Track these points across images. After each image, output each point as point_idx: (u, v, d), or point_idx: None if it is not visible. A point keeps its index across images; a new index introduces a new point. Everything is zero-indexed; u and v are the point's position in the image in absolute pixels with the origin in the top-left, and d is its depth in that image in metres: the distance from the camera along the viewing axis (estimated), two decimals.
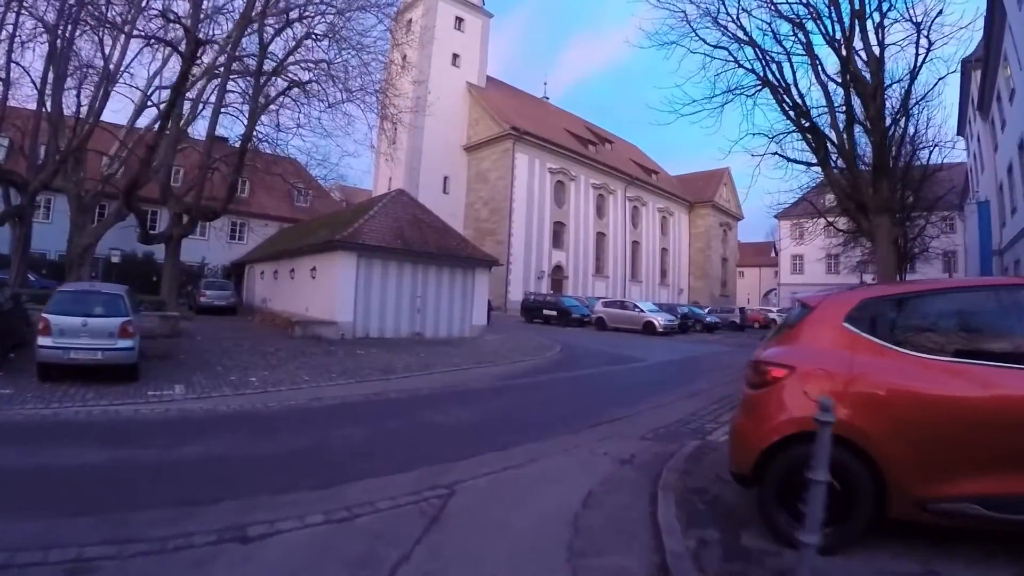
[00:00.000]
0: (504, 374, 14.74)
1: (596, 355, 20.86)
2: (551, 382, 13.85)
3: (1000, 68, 24.18)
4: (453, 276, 24.18)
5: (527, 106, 62.77)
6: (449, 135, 55.69)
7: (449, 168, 56.10)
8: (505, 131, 52.89)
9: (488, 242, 49.70)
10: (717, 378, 15.21)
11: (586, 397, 12.13)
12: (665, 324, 33.44)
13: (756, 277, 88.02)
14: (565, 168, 57.91)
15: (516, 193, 52.75)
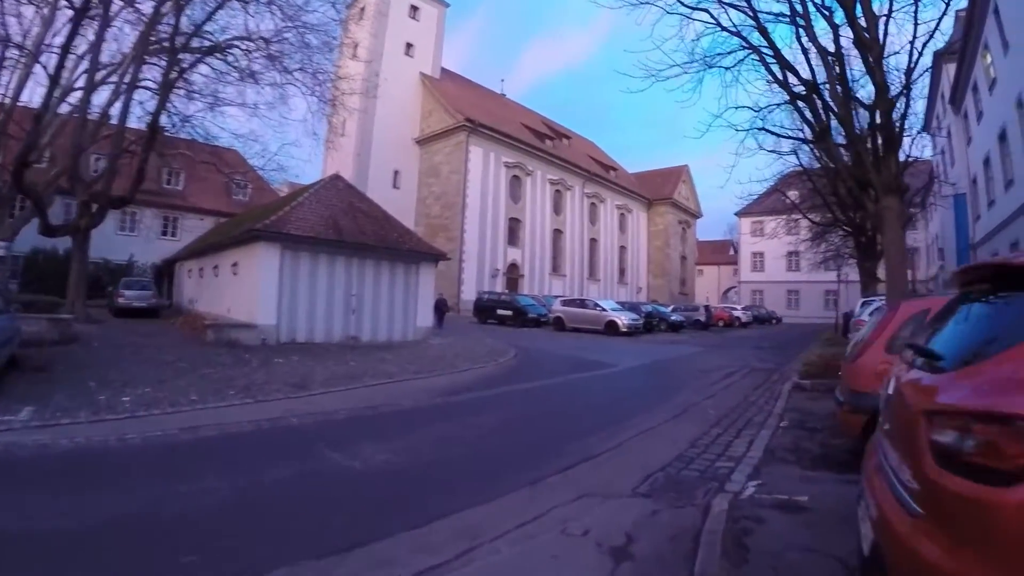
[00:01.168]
0: (446, 387, 12.06)
1: (557, 360, 18.40)
2: (504, 398, 11.23)
3: (979, 58, 24.16)
4: (394, 272, 21.44)
5: (483, 99, 60.47)
6: (401, 127, 53.24)
7: (400, 162, 53.55)
8: (459, 123, 50.51)
9: (440, 239, 47.43)
10: (702, 388, 12.90)
11: (548, 419, 9.52)
12: (629, 324, 31.13)
13: (715, 275, 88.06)
14: (521, 162, 55.67)
15: (470, 188, 50.40)
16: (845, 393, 6.45)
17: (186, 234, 37.59)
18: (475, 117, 51.36)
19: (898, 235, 13.03)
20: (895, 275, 13.01)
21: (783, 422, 8.89)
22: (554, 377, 14.36)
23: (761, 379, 14.65)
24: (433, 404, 10.29)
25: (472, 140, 51.09)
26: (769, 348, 26.10)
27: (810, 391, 11.90)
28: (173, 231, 39.72)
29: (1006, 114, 21.03)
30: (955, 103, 30.26)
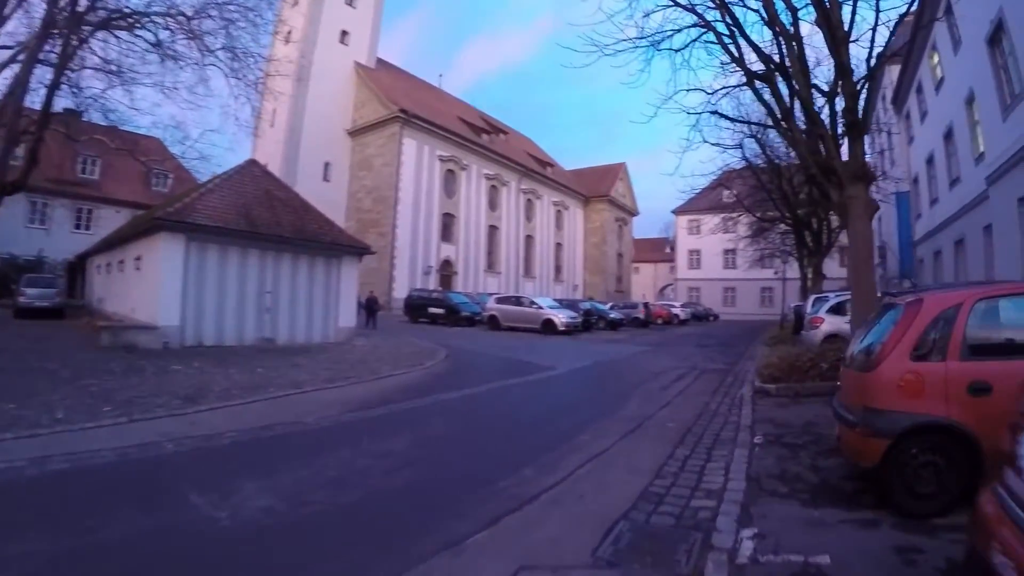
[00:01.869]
0: (362, 399, 10.28)
1: (490, 363, 16.97)
2: (425, 412, 9.53)
3: (926, 58, 24.53)
4: (313, 267, 19.57)
5: (418, 91, 58.69)
6: (333, 118, 51.02)
7: (331, 154, 51.26)
8: (393, 113, 48.68)
9: (371, 234, 45.82)
10: (653, 395, 11.50)
11: (476, 441, 7.81)
12: (567, 322, 29.74)
13: (652, 273, 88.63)
14: (456, 156, 54.16)
15: (403, 181, 48.68)
16: (857, 411, 5.08)
17: (101, 227, 34.80)
18: (410, 108, 49.57)
19: (865, 226, 11.91)
20: (862, 269, 11.89)
21: (757, 437, 7.50)
22: (486, 383, 12.73)
23: (715, 382, 13.42)
24: (341, 422, 8.56)
25: (406, 132, 49.30)
26: (714, 347, 25.08)
27: (776, 396, 10.60)
28: (87, 224, 37.06)
29: (953, 113, 21.37)
30: (897, 104, 30.66)
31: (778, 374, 11.09)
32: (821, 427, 7.92)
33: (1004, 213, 16.16)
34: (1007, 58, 15.49)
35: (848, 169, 11.97)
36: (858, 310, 11.82)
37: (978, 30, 16.92)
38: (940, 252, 24.90)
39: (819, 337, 15.70)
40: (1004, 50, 15.63)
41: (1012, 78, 15.30)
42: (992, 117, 17.03)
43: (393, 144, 48.95)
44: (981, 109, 18.49)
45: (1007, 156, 15.22)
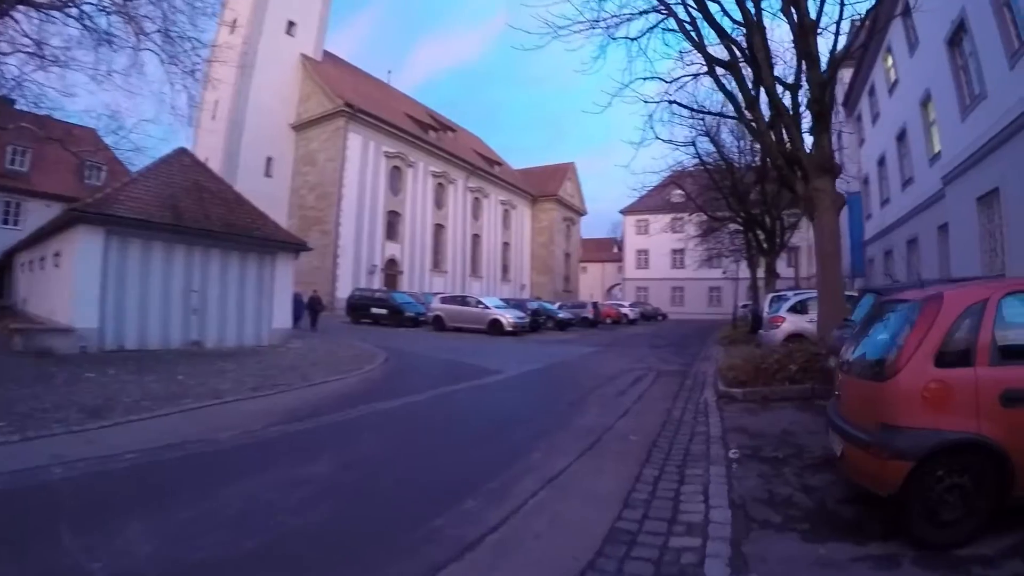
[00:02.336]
0: (288, 410, 9.14)
1: (433, 366, 15.89)
2: (356, 426, 8.40)
3: (880, 61, 25.07)
4: (245, 264, 18.19)
5: (366, 85, 57.06)
6: (277, 111, 48.94)
7: (274, 148, 49.20)
8: (338, 107, 47.10)
9: (314, 232, 44.63)
10: (610, 402, 10.58)
11: (411, 463, 6.57)
12: (514, 322, 28.79)
13: (599, 272, 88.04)
14: (403, 153, 52.82)
15: (347, 177, 47.22)
16: (870, 428, 4.24)
17: (31, 222, 31.89)
18: (356, 103, 48.12)
19: (832, 220, 11.29)
20: (829, 265, 11.29)
21: (732, 451, 6.61)
22: (427, 390, 11.57)
23: (674, 385, 12.59)
24: (261, 438, 7.43)
25: (351, 127, 47.82)
26: (667, 347, 24.39)
27: (743, 401, 9.78)
28: (16, 219, 34.82)
29: (907, 114, 21.79)
30: (848, 106, 31.08)
31: (744, 377, 10.30)
32: (800, 437, 7.17)
33: (961, 212, 16.26)
34: (967, 59, 15.50)
35: (814, 161, 11.41)
36: (826, 308, 11.22)
37: (937, 31, 16.88)
38: (891, 251, 25.08)
39: (780, 337, 15.01)
40: (964, 51, 15.66)
41: (972, 79, 15.31)
42: (950, 118, 17.04)
43: (338, 139, 47.42)
44: (938, 110, 18.59)
45: (965, 156, 15.25)
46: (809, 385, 9.65)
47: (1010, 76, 12.87)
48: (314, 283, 37.65)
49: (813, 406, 9.00)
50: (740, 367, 10.77)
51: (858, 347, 5.19)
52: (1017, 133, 12.69)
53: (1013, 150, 13.04)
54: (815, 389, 9.50)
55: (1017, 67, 12.58)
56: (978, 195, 15.09)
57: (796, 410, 8.84)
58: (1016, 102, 12.34)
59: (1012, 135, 12.92)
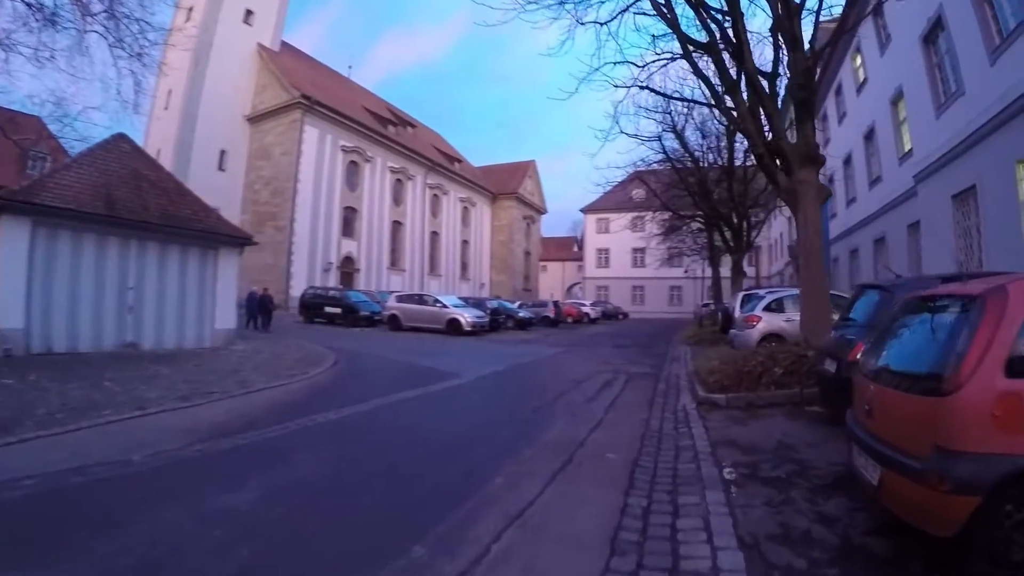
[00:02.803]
0: (219, 423, 8.02)
1: (386, 369, 14.78)
2: (293, 443, 7.19)
3: (848, 60, 25.15)
4: (185, 259, 16.88)
5: (324, 78, 55.55)
6: (231, 102, 47.23)
7: (228, 141, 47.37)
8: (294, 99, 45.64)
9: (268, 228, 43.67)
10: (580, 410, 9.53)
11: (350, 493, 5.32)
12: (473, 321, 27.79)
13: (559, 271, 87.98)
14: (360, 147, 51.55)
15: (302, 172, 45.73)
16: (922, 453, 3.36)
17: None
18: (313, 95, 46.65)
19: (816, 212, 10.58)
20: (812, 260, 10.56)
21: (727, 471, 5.73)
22: (378, 397, 10.40)
23: (647, 390, 11.68)
24: (181, 459, 6.31)
25: (308, 119, 46.40)
26: (632, 347, 23.59)
27: (727, 408, 8.91)
28: None
29: (876, 113, 21.95)
30: None
31: (726, 382, 9.41)
32: (799, 450, 6.35)
33: (935, 210, 16.21)
34: (943, 56, 15.42)
35: (798, 150, 10.71)
36: (810, 306, 10.49)
37: (911, 28, 16.82)
38: (857, 250, 25.43)
39: (756, 337, 14.31)
40: (940, 48, 15.59)
41: (948, 76, 15.22)
42: (923, 115, 16.95)
43: (294, 132, 45.94)
44: (909, 108, 18.61)
45: (940, 154, 15.17)
46: (798, 389, 8.85)
47: (990, 72, 12.63)
48: (267, 281, 36.26)
49: (804, 413, 8.27)
50: (721, 371, 9.88)
51: (892, 353, 4.35)
52: (997, 130, 12.45)
53: (992, 147, 12.81)
54: (804, 394, 8.72)
55: (998, 64, 12.36)
56: (953, 192, 14.94)
57: (787, 418, 8.02)
58: (996, 99, 12.12)
59: (991, 132, 12.68)
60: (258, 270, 42.33)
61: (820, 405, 8.31)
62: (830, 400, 7.67)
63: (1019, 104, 11.43)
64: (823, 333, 10.05)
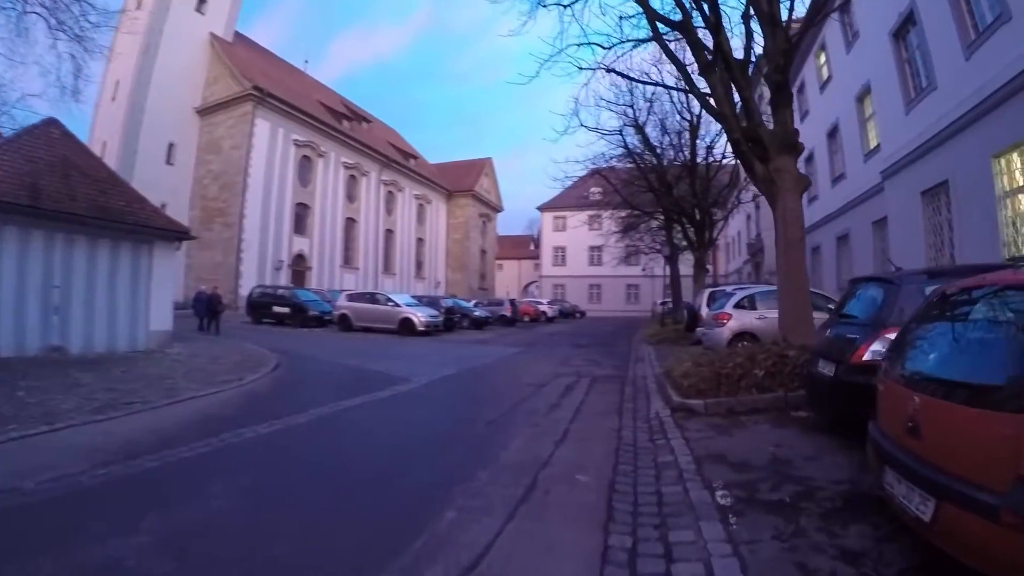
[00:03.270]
0: (130, 441, 6.83)
1: (331, 374, 13.80)
2: (208, 466, 6.07)
3: (812, 58, 25.37)
4: (117, 254, 15.57)
5: (277, 71, 53.80)
6: (181, 93, 45.00)
7: (177, 134, 45.07)
8: (246, 90, 43.91)
9: (217, 224, 42.35)
10: (541, 420, 8.55)
11: (263, 540, 4.16)
12: (427, 321, 26.73)
13: (515, 269, 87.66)
14: (313, 142, 50.05)
15: (253, 166, 44.10)
16: (999, 485, 2.52)
17: None
18: (266, 86, 45.03)
19: (796, 203, 9.89)
20: (793, 254, 9.87)
21: (720, 494, 4.86)
22: (316, 407, 9.20)
23: (614, 394, 10.87)
24: (76, 488, 5.18)
25: (259, 112, 44.73)
26: (593, 346, 22.81)
27: (706, 416, 8.06)
28: None
29: (840, 110, 22.21)
30: None
31: (703, 386, 8.57)
32: (797, 465, 5.56)
33: (904, 206, 16.17)
34: (914, 51, 15.33)
35: (776, 138, 10.02)
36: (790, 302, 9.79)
37: (881, 24, 16.76)
38: (819, 247, 25.51)
39: (726, 336, 13.68)
40: (911, 43, 15.49)
41: (919, 71, 15.11)
42: (892, 111, 16.85)
43: (244, 125, 44.20)
44: (877, 104, 18.65)
45: (910, 149, 15.16)
46: (782, 393, 8.09)
47: (965, 67, 12.41)
48: (216, 280, 34.89)
49: (792, 419, 7.49)
50: (696, 373, 9.05)
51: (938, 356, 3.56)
52: (972, 124, 12.29)
53: (965, 142, 12.67)
54: (789, 398, 7.99)
55: (973, 58, 12.20)
56: (924, 188, 14.87)
57: (774, 425, 7.23)
58: (971, 93, 11.92)
59: (966, 127, 12.54)
60: (207, 268, 41.02)
61: (808, 410, 7.59)
62: (823, 405, 6.96)
63: (996, 98, 11.20)
64: (805, 331, 9.39)
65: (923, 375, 3.55)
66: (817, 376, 6.74)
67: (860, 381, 5.55)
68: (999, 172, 11.71)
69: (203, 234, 42.88)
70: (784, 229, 9.87)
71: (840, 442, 6.22)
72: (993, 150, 11.69)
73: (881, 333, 5.69)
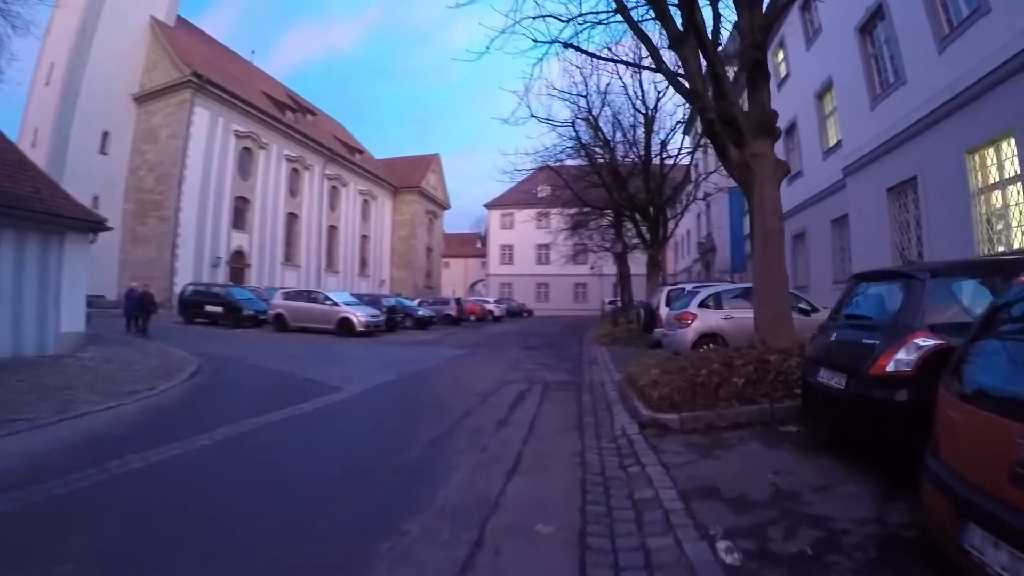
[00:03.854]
0: None
1: (255, 382, 12.35)
2: (75, 511, 4.67)
3: (770, 56, 23.95)
4: (22, 246, 13.81)
5: (221, 59, 51.54)
6: (118, 79, 42.32)
7: (112, 121, 42.21)
8: (185, 77, 41.71)
9: (152, 219, 40.50)
10: (490, 442, 7.16)
11: None
12: (367, 321, 25.31)
13: (462, 268, 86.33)
14: (255, 133, 48.17)
15: (191, 157, 42.03)
16: None
17: None
18: (206, 73, 42.97)
19: (774, 191, 8.96)
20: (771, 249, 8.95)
21: (724, 547, 3.77)
22: (228, 424, 7.80)
23: (571, 404, 9.66)
24: None
25: (198, 100, 42.64)
26: (542, 348, 21.70)
27: (682, 432, 6.94)
28: None
29: (798, 107, 21.96)
30: None
31: (676, 397, 7.46)
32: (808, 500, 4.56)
33: (868, 203, 16.11)
34: (881, 46, 15.24)
35: (752, 120, 9.11)
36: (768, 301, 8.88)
37: (846, 19, 16.56)
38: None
39: (690, 337, 12.74)
40: (878, 37, 15.40)
41: (886, 67, 15.08)
42: (855, 107, 16.84)
43: (183, 113, 41.95)
44: (839, 100, 18.65)
45: (875, 145, 15.14)
46: (767, 404, 7.14)
47: (937, 61, 12.20)
48: (151, 277, 33.04)
49: (781, 436, 6.52)
50: (665, 381, 7.97)
51: None
52: (943, 120, 12.13)
53: (937, 137, 12.50)
54: (775, 410, 7.03)
55: (946, 52, 12.05)
56: (890, 185, 14.80)
57: (763, 444, 6.23)
58: (943, 88, 11.78)
59: (936, 122, 12.37)
60: (141, 265, 39.11)
61: (798, 424, 6.68)
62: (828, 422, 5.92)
63: (970, 93, 11.02)
64: (785, 333, 8.49)
65: (973, 385, 2.63)
66: (820, 388, 5.66)
67: (883, 397, 4.69)
68: (973, 168, 11.47)
69: (138, 228, 41.09)
70: (761, 220, 8.93)
71: (846, 464, 5.30)
72: (967, 146, 11.46)
73: (907, 339, 4.71)
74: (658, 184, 25.68)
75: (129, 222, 41.44)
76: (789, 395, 7.20)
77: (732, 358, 8.00)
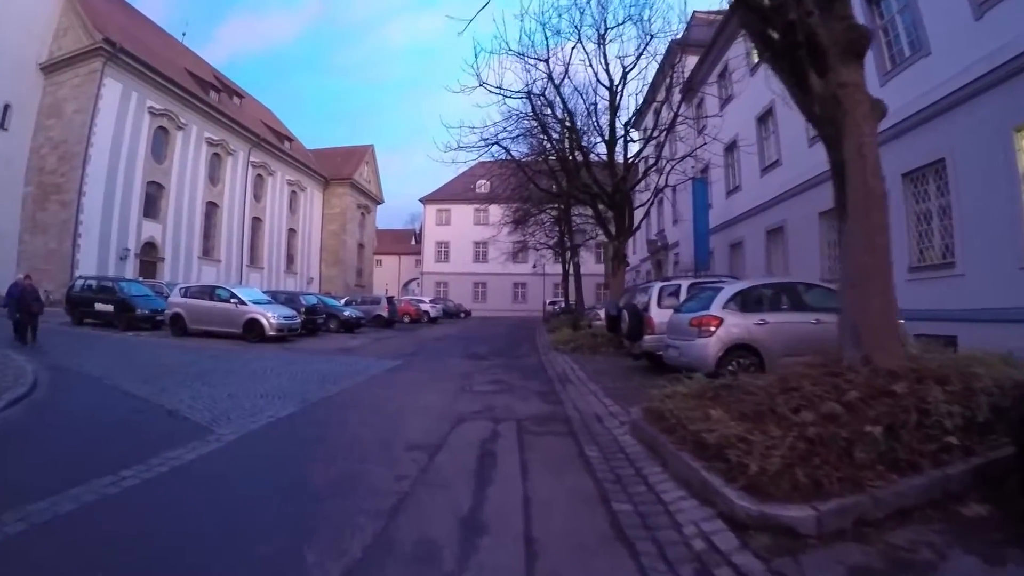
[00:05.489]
0: None
1: (92, 419, 8.22)
2: None
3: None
4: None
5: (143, 31, 46.74)
6: (24, 47, 37.38)
7: (15, 93, 37.11)
8: (95, 43, 37.15)
9: (53, 203, 36.59)
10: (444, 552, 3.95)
11: None
12: (280, 324, 21.42)
13: (396, 266, 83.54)
14: (172, 111, 44.00)
15: (98, 135, 37.48)
16: None
17: None
18: (120, 42, 38.44)
19: (872, 136, 6.11)
20: (874, 216, 5.92)
21: None
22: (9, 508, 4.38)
23: (577, 475, 5.75)
24: None
25: (109, 71, 38.18)
26: (492, 356, 18.34)
27: (825, 542, 3.69)
28: None
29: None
30: (688, 98, 29.15)
31: (786, 465, 4.17)
32: None
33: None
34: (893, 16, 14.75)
35: (838, 38, 6.13)
36: (868, 295, 5.91)
37: None
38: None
39: (713, 351, 9.58)
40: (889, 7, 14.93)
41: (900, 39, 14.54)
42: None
43: (91, 85, 37.38)
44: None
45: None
46: (939, 472, 4.25)
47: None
48: (48, 271, 29.05)
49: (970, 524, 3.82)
50: (762, 440, 4.56)
51: None
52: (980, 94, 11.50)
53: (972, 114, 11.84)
54: (949, 478, 4.18)
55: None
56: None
57: (982, 560, 3.36)
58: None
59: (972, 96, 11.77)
60: (39, 257, 34.99)
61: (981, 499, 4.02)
62: None
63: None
64: (893, 346, 5.65)
65: None
66: None
67: None
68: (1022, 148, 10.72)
69: (38, 215, 36.52)
70: (862, 176, 5.86)
71: None
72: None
73: None
74: (625, 167, 23.06)
75: (29, 208, 36.93)
76: (943, 448, 4.44)
77: (840, 388, 5.08)
